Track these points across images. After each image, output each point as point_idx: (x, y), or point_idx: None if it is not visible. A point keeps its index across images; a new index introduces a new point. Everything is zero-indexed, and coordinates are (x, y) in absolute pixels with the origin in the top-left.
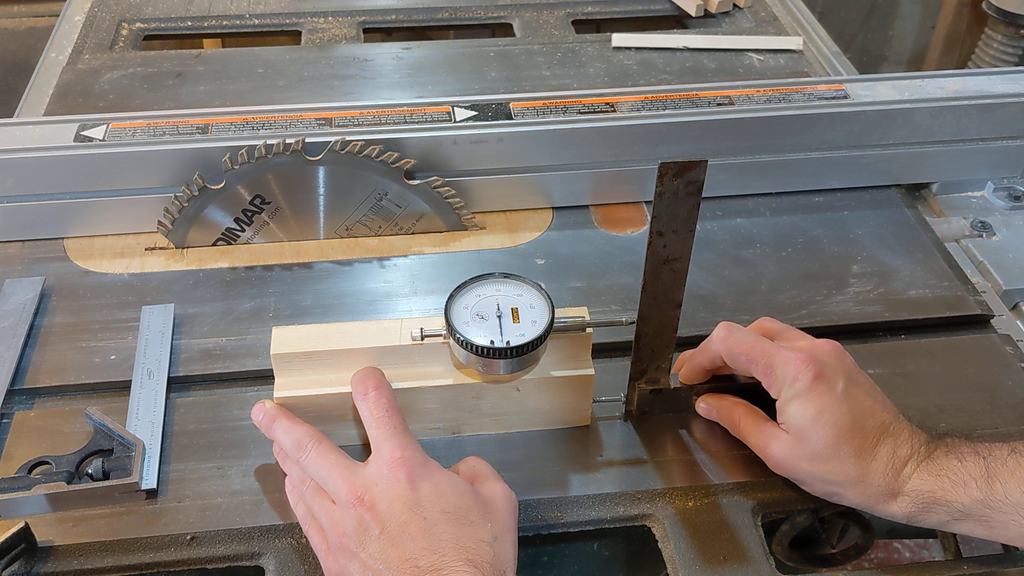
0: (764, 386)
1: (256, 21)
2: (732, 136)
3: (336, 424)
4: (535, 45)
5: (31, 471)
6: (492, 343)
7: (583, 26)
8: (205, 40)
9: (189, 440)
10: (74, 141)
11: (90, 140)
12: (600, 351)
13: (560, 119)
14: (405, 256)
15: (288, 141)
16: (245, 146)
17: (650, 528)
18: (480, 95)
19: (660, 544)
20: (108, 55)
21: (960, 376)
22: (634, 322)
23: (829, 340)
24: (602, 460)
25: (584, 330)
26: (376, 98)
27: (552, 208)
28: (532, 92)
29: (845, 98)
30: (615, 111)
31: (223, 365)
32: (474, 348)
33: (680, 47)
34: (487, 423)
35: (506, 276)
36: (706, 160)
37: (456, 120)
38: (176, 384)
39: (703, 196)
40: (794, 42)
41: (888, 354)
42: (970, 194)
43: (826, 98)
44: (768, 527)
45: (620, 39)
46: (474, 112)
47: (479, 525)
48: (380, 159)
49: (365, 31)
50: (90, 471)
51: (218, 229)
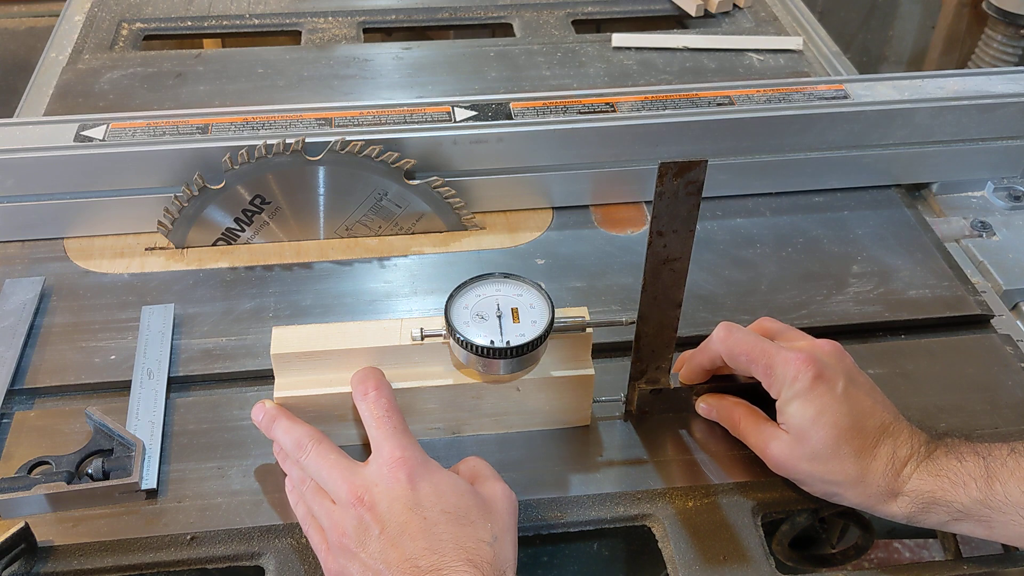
0: (764, 386)
1: (256, 21)
2: (732, 136)
3: (336, 424)
4: (535, 45)
5: (31, 471)
6: (492, 343)
7: (583, 26)
8: (205, 40)
9: (189, 440)
10: (74, 141)
11: (90, 140)
12: (600, 351)
13: (560, 119)
14: (405, 256)
15: (288, 141)
16: (245, 146)
17: (650, 528)
18: (480, 95)
19: (660, 544)
20: (108, 55)
21: (960, 376)
22: (634, 322)
23: (829, 340)
24: (602, 460)
25: (584, 330)
26: (376, 98)
27: (552, 208)
28: (532, 92)
29: (845, 98)
30: (615, 111)
31: (223, 365)
32: (474, 348)
33: (680, 47)
34: (487, 423)
35: (506, 276)
36: (706, 160)
37: (456, 120)
38: (176, 384)
39: (703, 196)
40: (794, 42)
41: (888, 354)
42: (970, 194)
43: (826, 98)
44: (768, 527)
45: (620, 39)
46: (474, 112)
47: (479, 525)
48: (380, 159)
49: (365, 31)
50: (90, 471)
51: (218, 229)
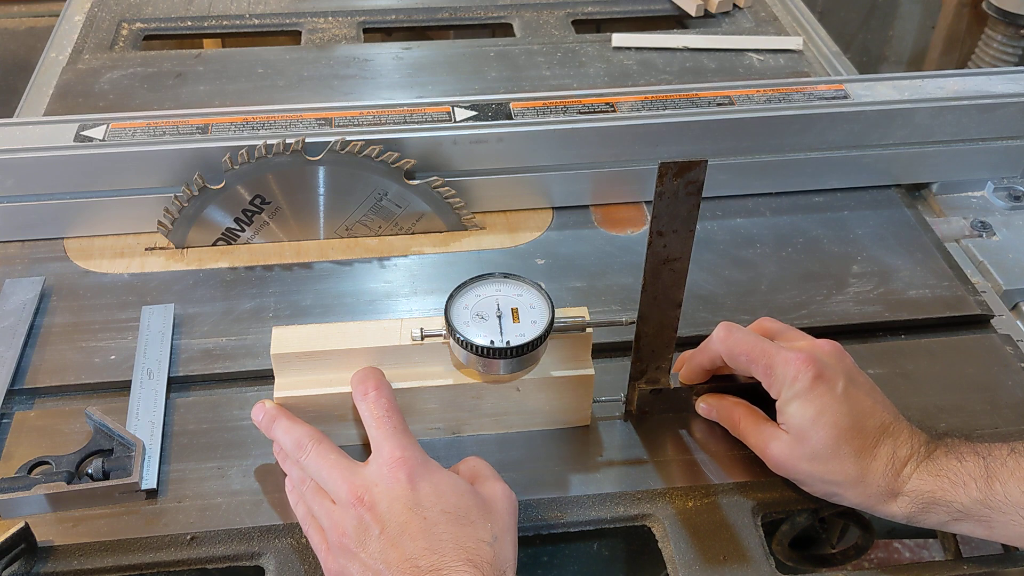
0: (764, 386)
1: (256, 21)
2: (732, 136)
3: (336, 424)
4: (535, 45)
5: (31, 471)
6: (492, 343)
7: (583, 26)
8: (205, 40)
9: (189, 440)
10: (74, 141)
11: (90, 140)
12: (600, 351)
13: (560, 119)
14: (405, 256)
15: (288, 141)
16: (245, 146)
17: (650, 528)
18: (480, 95)
19: (660, 544)
20: (108, 55)
21: (960, 376)
22: (634, 322)
23: (829, 340)
24: (602, 460)
25: (584, 330)
26: (376, 98)
27: (552, 208)
28: (532, 92)
29: (845, 98)
30: (615, 111)
31: (223, 365)
32: (474, 348)
33: (680, 47)
34: (487, 423)
35: (506, 276)
36: (706, 160)
37: (456, 120)
38: (176, 384)
39: (703, 196)
40: (794, 42)
41: (888, 354)
42: (970, 194)
43: (826, 98)
44: (768, 527)
45: (620, 39)
46: (474, 112)
47: (479, 525)
48: (380, 159)
49: (365, 31)
50: (90, 471)
51: (218, 229)
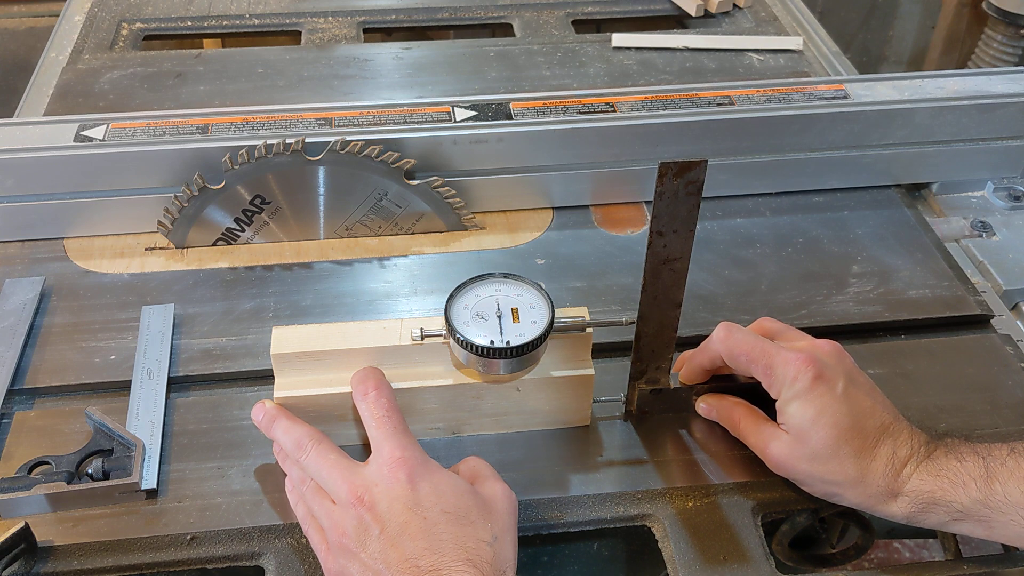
0: (764, 386)
1: (256, 21)
2: (732, 136)
3: (336, 424)
4: (535, 45)
5: (31, 471)
6: (492, 343)
7: (583, 26)
8: (205, 40)
9: (189, 440)
10: (74, 141)
11: (90, 140)
12: (600, 351)
13: (560, 119)
14: (405, 256)
15: (288, 141)
16: (245, 146)
17: (650, 528)
18: (480, 95)
19: (660, 544)
20: (108, 55)
21: (960, 376)
22: (634, 322)
23: (829, 340)
24: (602, 460)
25: (584, 330)
26: (376, 98)
27: (552, 208)
28: (532, 92)
29: (845, 98)
30: (615, 111)
31: (223, 365)
32: (474, 348)
33: (680, 47)
34: (487, 423)
35: (506, 276)
36: (706, 160)
37: (456, 120)
38: (176, 384)
39: (703, 196)
40: (794, 42)
41: (888, 354)
42: (970, 194)
43: (826, 98)
44: (768, 527)
45: (620, 39)
46: (474, 112)
47: (479, 525)
48: (380, 159)
49: (365, 31)
50: (90, 471)
51: (218, 229)
